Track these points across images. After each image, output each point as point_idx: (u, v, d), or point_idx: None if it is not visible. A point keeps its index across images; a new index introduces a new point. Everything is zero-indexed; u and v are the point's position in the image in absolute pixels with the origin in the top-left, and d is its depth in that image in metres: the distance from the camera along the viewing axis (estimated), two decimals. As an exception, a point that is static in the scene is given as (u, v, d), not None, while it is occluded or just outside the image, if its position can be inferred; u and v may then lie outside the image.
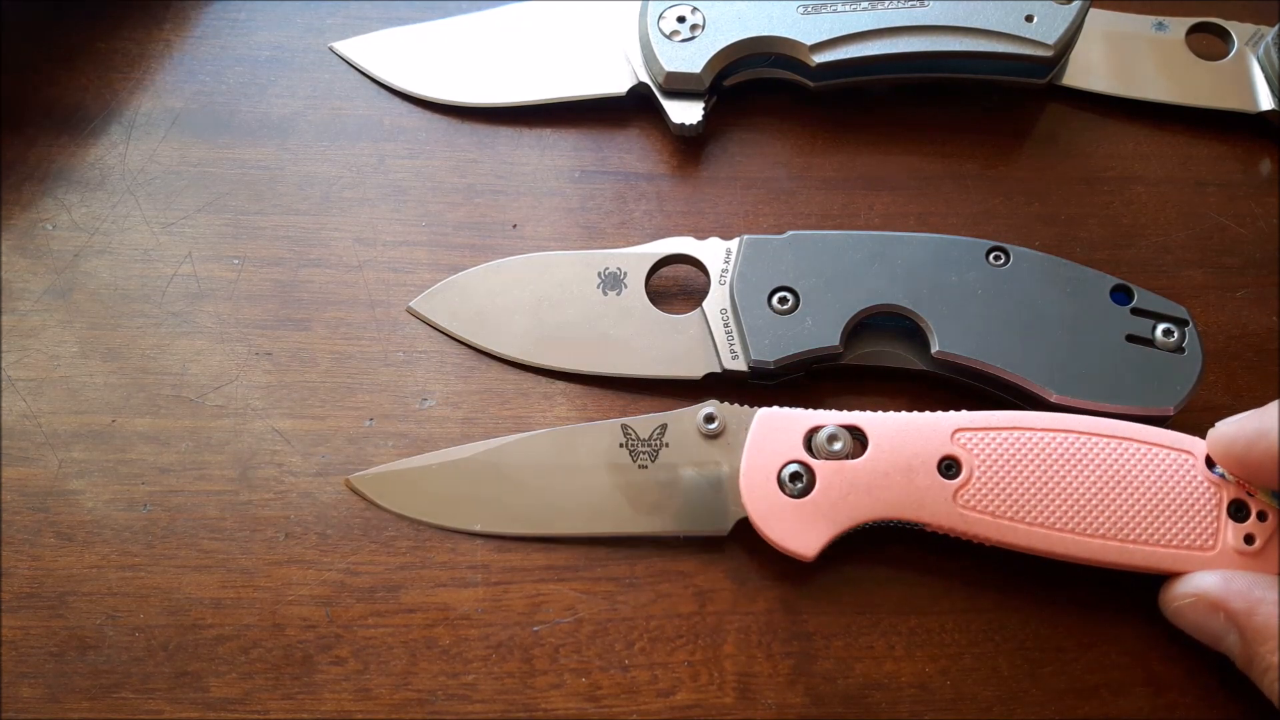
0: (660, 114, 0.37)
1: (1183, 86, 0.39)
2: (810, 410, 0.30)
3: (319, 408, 0.33)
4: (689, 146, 0.38)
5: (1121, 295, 0.32)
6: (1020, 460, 0.28)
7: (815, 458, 0.29)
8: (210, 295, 0.34)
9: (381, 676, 0.29)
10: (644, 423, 0.30)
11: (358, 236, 0.36)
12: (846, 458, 0.28)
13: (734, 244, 0.33)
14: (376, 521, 0.31)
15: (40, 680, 0.29)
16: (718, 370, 0.32)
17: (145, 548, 0.30)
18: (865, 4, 0.36)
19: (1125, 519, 0.27)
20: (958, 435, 0.28)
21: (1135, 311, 0.31)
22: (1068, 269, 0.32)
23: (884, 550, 0.31)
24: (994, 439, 0.28)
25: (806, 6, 0.36)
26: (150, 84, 0.38)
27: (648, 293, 0.34)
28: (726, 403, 0.30)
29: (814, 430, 0.29)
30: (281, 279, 0.35)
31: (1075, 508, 0.27)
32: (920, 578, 0.30)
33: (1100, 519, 0.27)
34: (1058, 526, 0.28)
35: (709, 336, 0.33)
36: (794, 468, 0.29)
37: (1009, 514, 0.28)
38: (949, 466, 0.28)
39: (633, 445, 0.30)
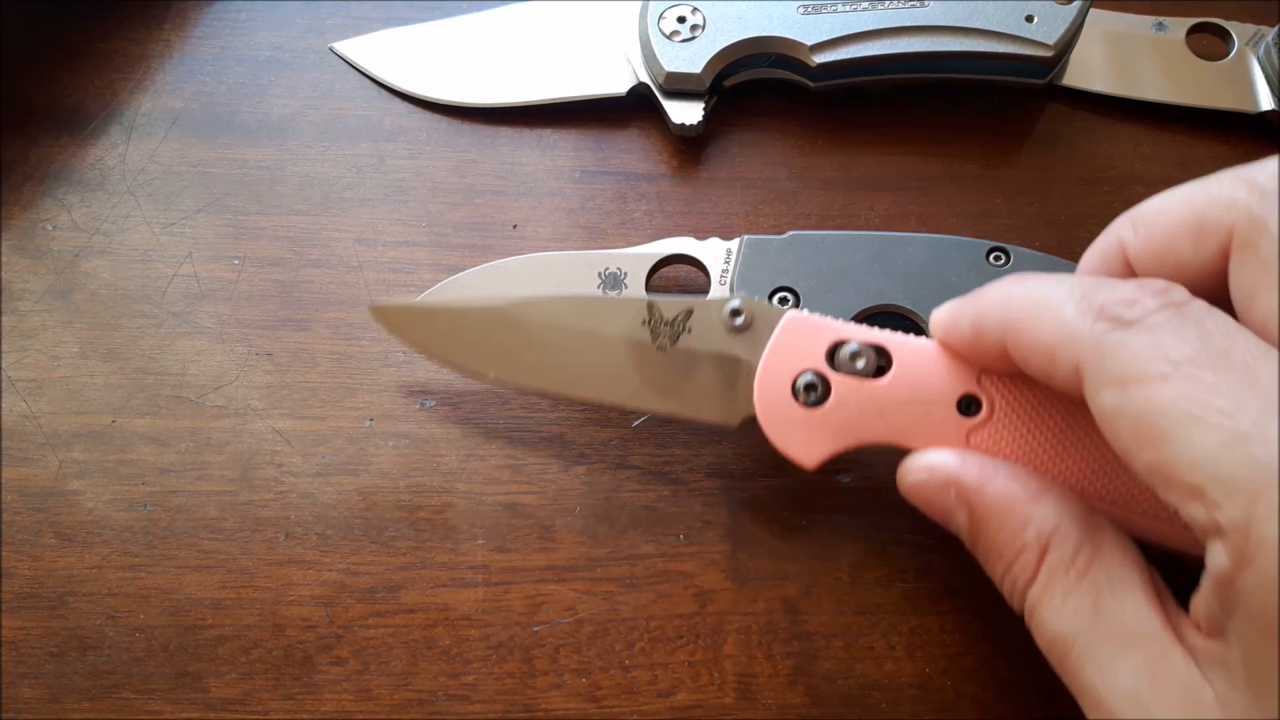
0: (660, 114, 0.37)
1: (1183, 86, 0.39)
2: (839, 322, 0.29)
3: (319, 408, 0.33)
4: (689, 147, 0.38)
5: (1121, 295, 0.32)
6: (1041, 412, 0.27)
7: (835, 371, 0.28)
8: (210, 296, 0.34)
9: (382, 677, 0.29)
10: (670, 305, 0.30)
11: (358, 237, 0.36)
12: (867, 376, 0.27)
13: (734, 244, 0.33)
14: (377, 522, 0.31)
15: (40, 680, 0.29)
16: (718, 370, 0.32)
17: (145, 548, 0.30)
18: (865, 4, 0.36)
19: (1141, 489, 0.26)
20: (984, 376, 0.27)
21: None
22: (1068, 269, 0.32)
23: (884, 550, 0.31)
24: (1019, 387, 0.27)
25: (806, 7, 0.36)
26: (150, 84, 0.38)
27: (648, 293, 0.34)
28: (756, 298, 0.29)
29: (839, 343, 0.28)
30: (282, 279, 0.35)
31: (1091, 470, 0.26)
32: (920, 578, 0.31)
33: (1116, 484, 0.26)
34: (1069, 485, 0.26)
35: (709, 337, 0.33)
36: (811, 377, 0.28)
37: (1019, 463, 0.27)
38: (969, 404, 0.27)
39: (655, 325, 0.29)
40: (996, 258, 0.32)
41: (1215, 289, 0.23)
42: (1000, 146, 0.38)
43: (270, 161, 0.37)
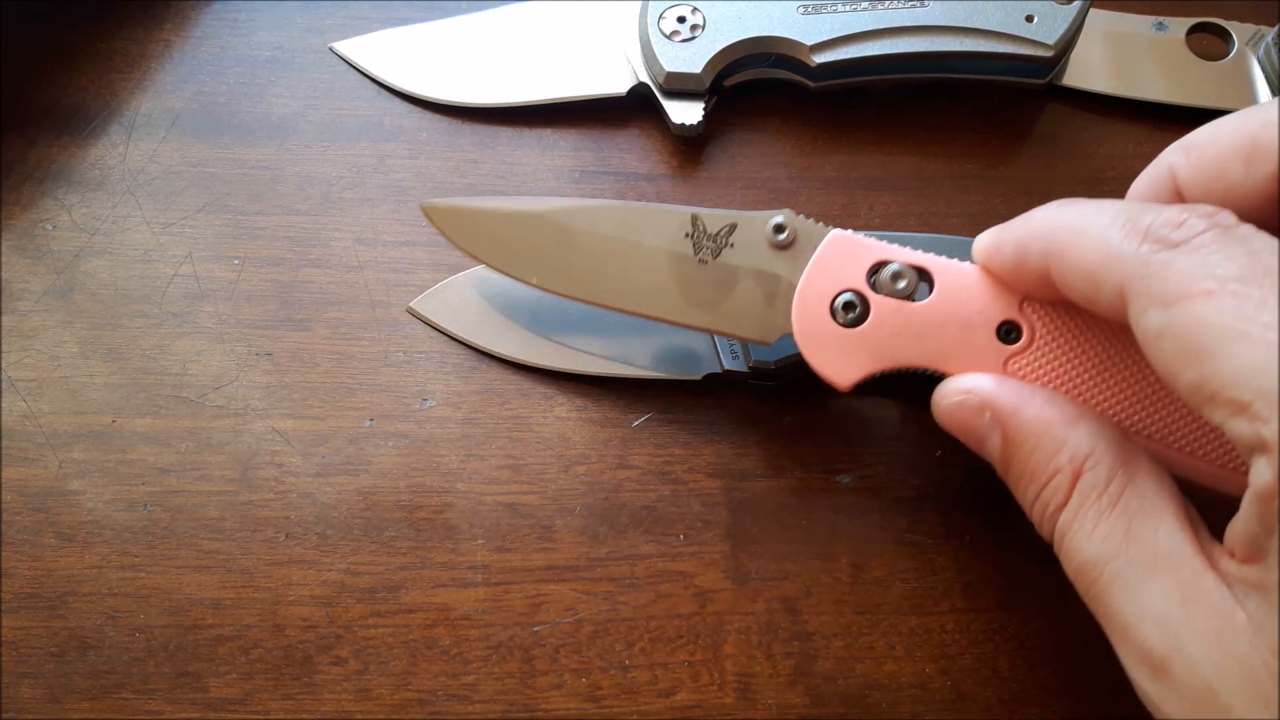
0: (660, 114, 0.37)
1: (1183, 86, 0.39)
2: (883, 242, 0.28)
3: (319, 408, 0.33)
4: (689, 146, 0.38)
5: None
6: (1082, 341, 0.26)
7: (876, 292, 0.27)
8: (210, 295, 0.34)
9: (382, 677, 0.29)
10: (714, 218, 0.30)
11: (358, 237, 0.36)
12: (907, 298, 0.27)
13: (734, 244, 0.33)
14: (377, 522, 0.31)
15: (40, 680, 0.29)
16: (718, 371, 0.32)
17: (145, 548, 0.30)
18: (865, 4, 0.36)
19: (1180, 424, 0.26)
20: (1026, 303, 0.26)
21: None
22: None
23: (884, 550, 0.31)
24: (1061, 315, 0.26)
25: (806, 7, 0.36)
26: (150, 84, 0.38)
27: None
28: (802, 216, 0.29)
29: (881, 264, 0.28)
30: (281, 279, 0.35)
31: (1131, 402, 0.26)
32: (920, 578, 0.31)
33: (1155, 417, 0.26)
34: (1107, 416, 0.26)
35: (709, 337, 0.33)
36: (850, 296, 0.27)
37: (1058, 391, 0.26)
38: (1009, 331, 0.27)
39: (698, 238, 0.29)
40: (996, 257, 0.32)
41: (1266, 213, 0.23)
42: (1000, 146, 0.38)
43: (270, 161, 0.37)
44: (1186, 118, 0.38)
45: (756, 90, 0.38)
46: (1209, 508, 0.23)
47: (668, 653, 0.30)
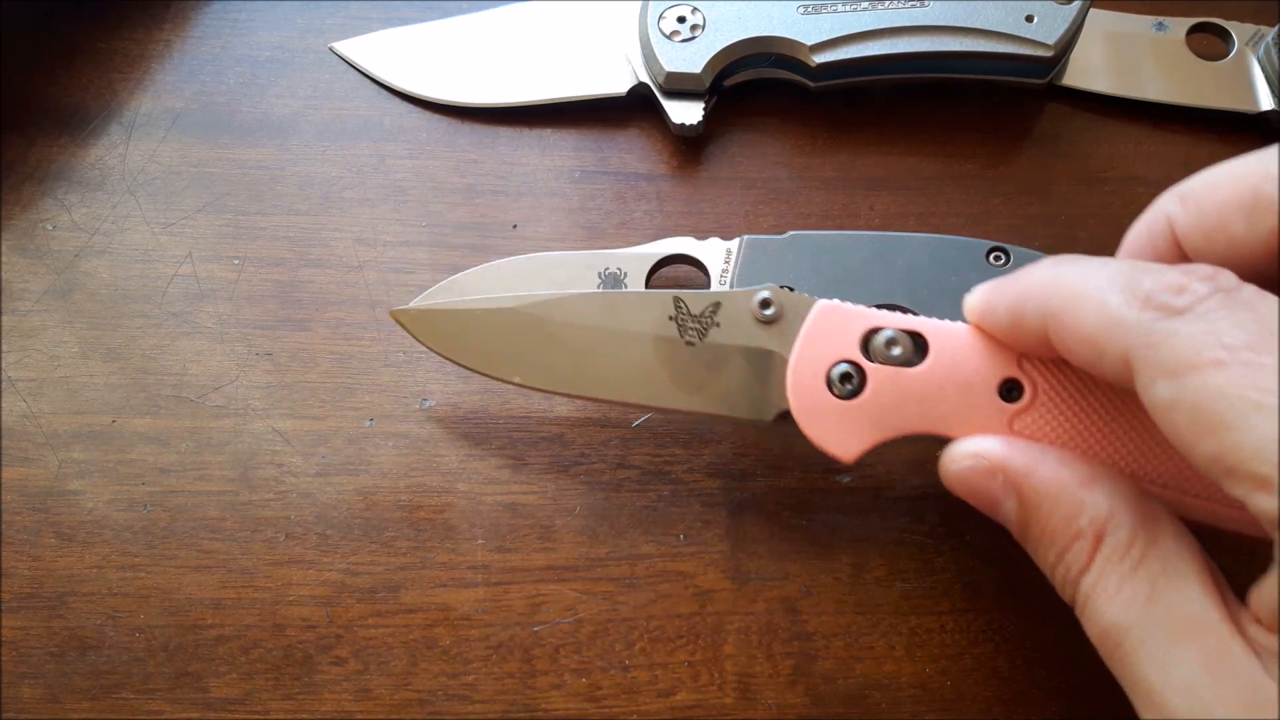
0: (660, 114, 0.37)
1: (1183, 86, 0.39)
2: (871, 309, 0.28)
3: (319, 408, 0.33)
4: (689, 146, 0.38)
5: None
6: (1087, 395, 0.25)
7: (870, 360, 0.27)
8: (210, 295, 0.34)
9: (382, 677, 0.29)
10: (697, 298, 0.29)
11: (358, 237, 0.36)
12: (903, 364, 0.26)
13: (734, 244, 0.33)
14: (377, 522, 0.31)
15: (40, 680, 0.29)
16: (718, 370, 0.32)
17: (145, 548, 0.30)
18: (865, 4, 0.36)
19: (1194, 471, 0.24)
20: (1025, 359, 0.26)
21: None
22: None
23: (884, 550, 0.31)
24: (1063, 369, 0.26)
25: (806, 7, 0.36)
26: (150, 84, 0.38)
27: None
28: (786, 288, 0.29)
29: (873, 331, 0.27)
30: (282, 279, 0.35)
31: (1141, 454, 0.25)
32: (920, 578, 0.31)
33: (1167, 467, 0.25)
34: (1118, 469, 0.25)
35: (709, 337, 0.33)
36: (845, 367, 0.27)
37: (1066, 447, 0.26)
38: (1010, 389, 0.26)
39: (682, 319, 0.29)
40: (996, 258, 0.32)
41: (1267, 268, 0.22)
42: (1000, 146, 0.38)
43: (270, 161, 0.37)
44: (1186, 118, 0.39)
45: (756, 90, 0.38)
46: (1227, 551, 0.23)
47: (668, 653, 0.30)
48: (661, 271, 0.34)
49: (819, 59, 0.36)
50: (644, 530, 0.31)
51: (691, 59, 0.36)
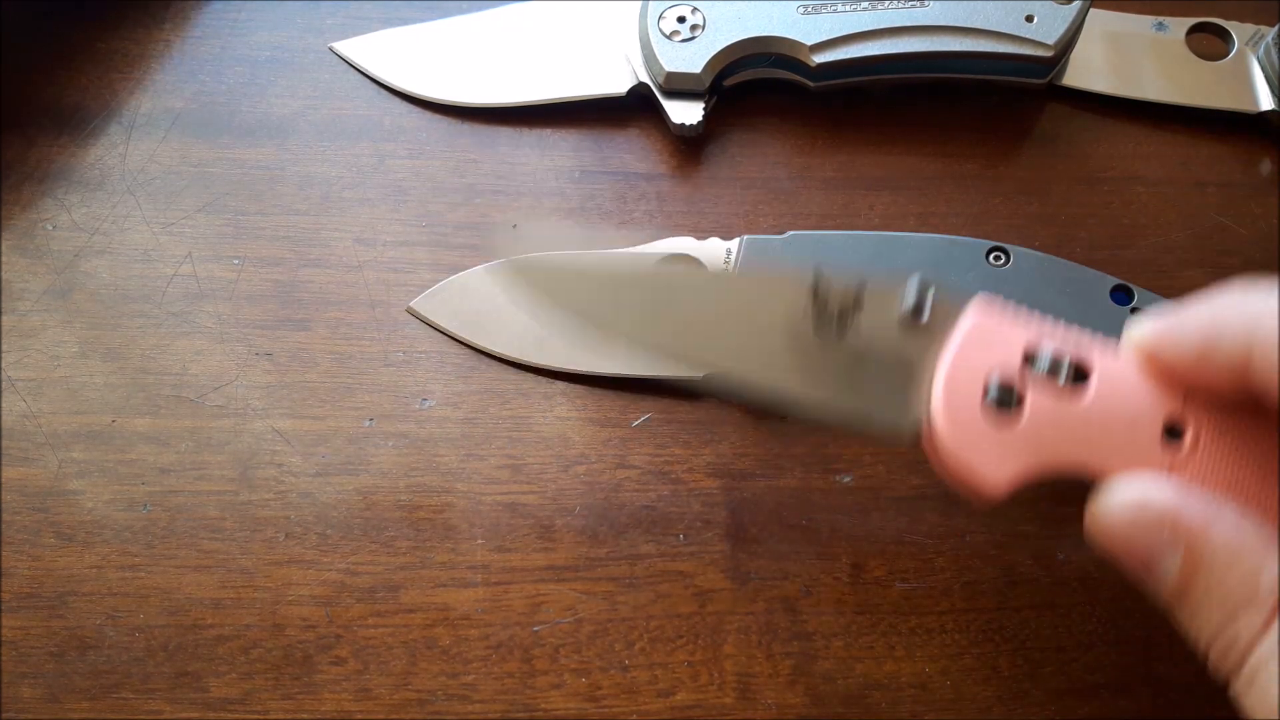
0: (660, 114, 0.37)
1: (1183, 86, 0.39)
2: (1033, 319, 0.24)
3: (319, 408, 0.33)
4: (689, 146, 0.38)
5: (1122, 295, 0.32)
6: (1252, 442, 0.23)
7: (1030, 380, 0.23)
8: (210, 295, 0.34)
9: (381, 677, 0.29)
10: (839, 287, 0.25)
11: (358, 237, 0.36)
12: (1064, 389, 0.23)
13: (734, 244, 0.33)
14: (376, 522, 0.31)
15: (40, 680, 0.29)
16: (718, 370, 0.32)
17: (145, 548, 0.30)
18: (865, 4, 0.36)
19: None
20: (1190, 399, 0.23)
21: (1136, 312, 0.31)
22: (1068, 269, 0.32)
23: (884, 550, 0.31)
24: (1228, 413, 0.23)
25: (806, 7, 0.36)
26: (150, 84, 0.38)
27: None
28: (937, 283, 0.25)
29: (1033, 345, 0.24)
30: (281, 279, 0.35)
31: None
32: (920, 578, 0.31)
33: None
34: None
35: (709, 336, 0.33)
36: (1002, 387, 0.23)
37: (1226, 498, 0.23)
38: (1171, 431, 0.23)
39: (820, 311, 0.25)
40: (996, 258, 0.32)
41: None
42: (1000, 146, 0.38)
43: (270, 161, 0.37)
44: (1186, 118, 0.39)
45: (756, 90, 0.38)
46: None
47: (667, 652, 0.30)
48: (661, 271, 0.34)
49: (819, 59, 0.36)
50: (644, 530, 0.31)
51: (691, 59, 0.36)
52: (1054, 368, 0.23)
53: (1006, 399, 0.23)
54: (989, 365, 0.24)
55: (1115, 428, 0.23)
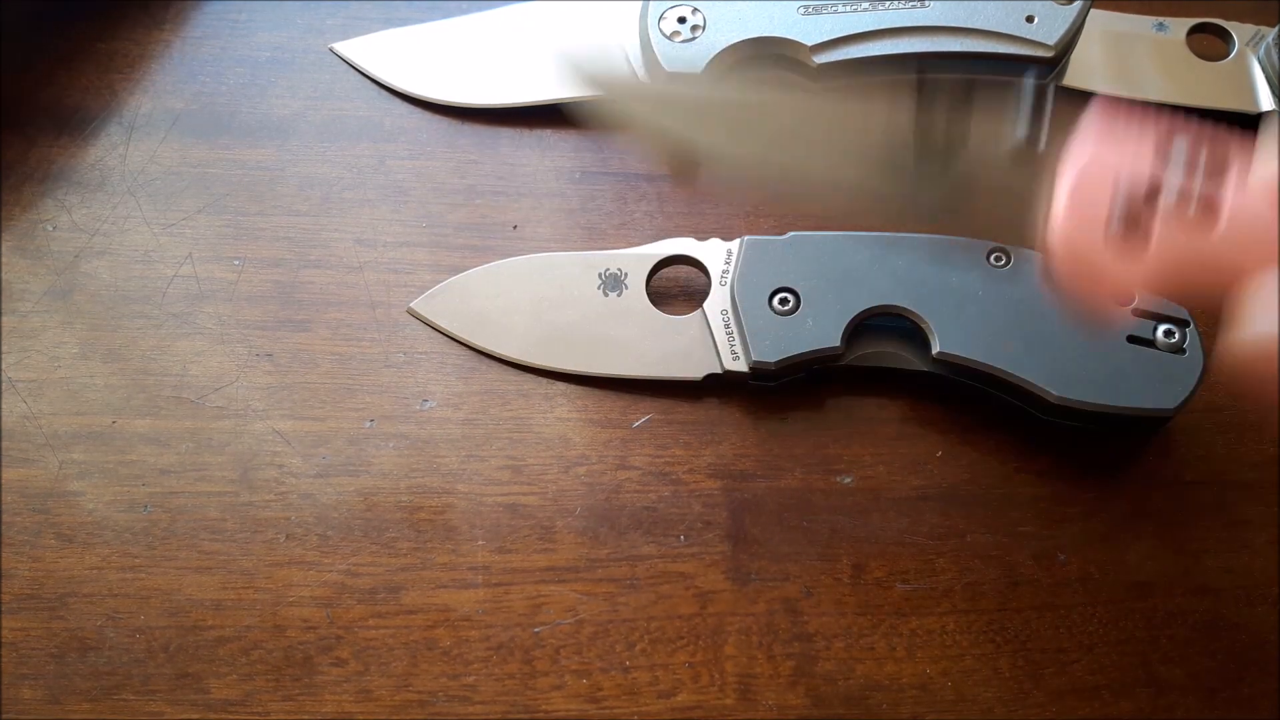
0: (661, 114, 0.37)
1: (1183, 87, 0.38)
2: (1155, 123, 0.23)
3: (319, 409, 0.33)
4: (689, 147, 0.38)
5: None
6: None
7: (1155, 206, 0.22)
8: (211, 296, 0.34)
9: (382, 678, 0.29)
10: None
11: (358, 238, 0.36)
12: (1190, 219, 0.22)
13: (735, 245, 0.33)
14: (377, 523, 0.31)
15: (41, 681, 0.29)
16: (718, 371, 0.32)
17: (146, 549, 0.30)
18: (866, 5, 0.36)
19: None
20: None
21: (1136, 312, 0.31)
22: (1068, 270, 0.32)
23: (884, 550, 0.31)
24: None
25: (807, 7, 0.36)
26: (150, 84, 0.38)
27: (648, 294, 0.34)
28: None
29: (1159, 175, 0.23)
30: (282, 280, 0.35)
31: None
32: (921, 579, 0.31)
33: None
34: None
35: (710, 337, 0.33)
36: (1124, 212, 0.22)
37: None
38: None
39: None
40: (997, 258, 0.32)
41: None
42: (1000, 147, 0.38)
43: (270, 162, 0.37)
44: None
45: (757, 91, 0.38)
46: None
47: (668, 654, 0.30)
48: (662, 272, 0.34)
49: (819, 59, 0.36)
50: (644, 531, 0.31)
51: (691, 59, 0.36)
52: (1182, 197, 0.22)
53: (1131, 227, 0.22)
54: (1111, 193, 0.23)
55: (1244, 261, 0.22)
